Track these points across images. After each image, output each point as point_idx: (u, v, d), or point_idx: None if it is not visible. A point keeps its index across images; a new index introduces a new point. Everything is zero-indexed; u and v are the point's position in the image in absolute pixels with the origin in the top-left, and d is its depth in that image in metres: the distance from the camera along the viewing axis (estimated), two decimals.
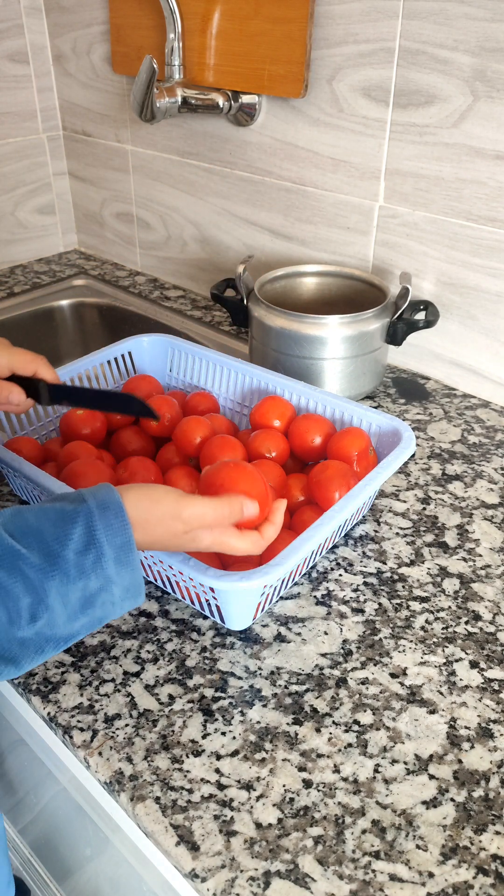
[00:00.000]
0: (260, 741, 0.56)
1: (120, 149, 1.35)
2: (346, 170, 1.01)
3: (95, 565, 0.47)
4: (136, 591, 0.50)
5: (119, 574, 0.48)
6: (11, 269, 1.46)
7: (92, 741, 0.56)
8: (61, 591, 0.46)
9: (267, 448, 0.77)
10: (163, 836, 0.50)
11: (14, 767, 0.97)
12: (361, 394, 0.98)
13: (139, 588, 0.51)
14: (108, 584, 0.48)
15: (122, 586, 0.49)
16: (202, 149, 1.20)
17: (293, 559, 0.59)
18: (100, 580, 0.48)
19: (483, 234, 0.91)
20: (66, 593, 0.47)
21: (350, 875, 0.48)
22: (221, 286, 1.02)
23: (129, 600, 0.50)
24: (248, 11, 0.99)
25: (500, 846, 0.50)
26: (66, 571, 0.46)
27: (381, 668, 0.62)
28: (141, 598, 0.51)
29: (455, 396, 1.01)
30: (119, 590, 0.49)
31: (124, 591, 0.49)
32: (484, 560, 0.73)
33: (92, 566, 0.47)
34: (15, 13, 1.30)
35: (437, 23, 0.84)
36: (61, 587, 0.46)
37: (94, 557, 0.47)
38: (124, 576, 0.49)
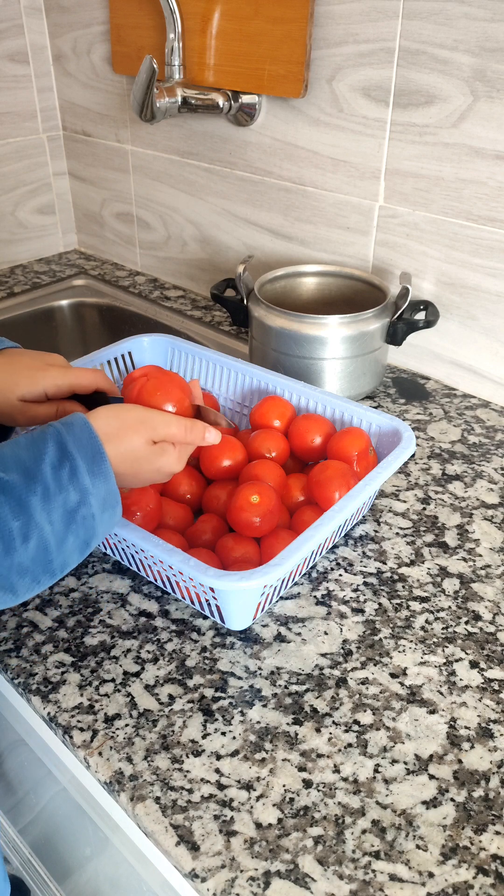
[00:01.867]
0: (260, 741, 0.56)
1: (120, 149, 1.35)
2: (346, 170, 1.01)
3: (72, 477, 0.50)
4: (113, 500, 0.53)
5: (94, 484, 0.51)
6: (11, 269, 1.46)
7: (92, 741, 0.56)
8: (45, 508, 0.49)
9: (267, 448, 0.77)
10: (163, 836, 0.50)
11: (14, 767, 0.97)
12: (361, 394, 0.98)
13: (115, 498, 0.53)
14: (86, 496, 0.51)
15: (98, 497, 0.51)
16: (202, 149, 1.20)
17: (293, 559, 0.59)
18: (77, 492, 0.50)
19: (483, 234, 0.91)
20: (49, 509, 0.49)
21: (350, 875, 0.48)
22: (221, 286, 1.02)
23: (107, 512, 0.53)
24: (248, 11, 0.99)
25: (500, 846, 0.50)
26: (46, 485, 0.49)
27: (381, 668, 0.62)
28: (118, 508, 0.54)
29: (455, 396, 1.01)
30: (96, 501, 0.51)
31: (102, 501, 0.52)
32: (484, 560, 0.73)
33: (69, 478, 0.50)
34: (15, 13, 1.30)
35: (437, 23, 0.84)
36: (44, 503, 0.49)
37: (70, 470, 0.50)
38: (99, 486, 0.51)
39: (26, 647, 0.64)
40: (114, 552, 0.71)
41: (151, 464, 0.57)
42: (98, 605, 0.68)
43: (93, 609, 0.67)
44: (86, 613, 0.67)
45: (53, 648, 0.63)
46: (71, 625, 0.66)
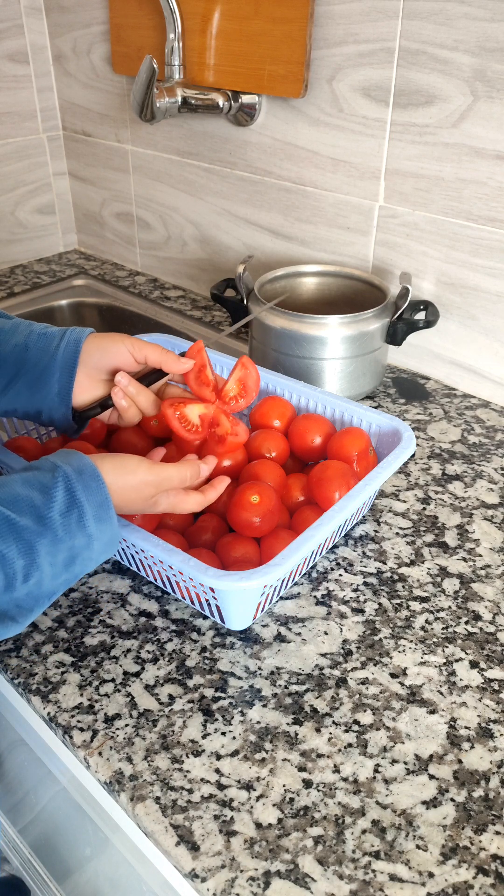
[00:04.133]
0: (260, 741, 0.56)
1: (120, 149, 1.35)
2: (346, 170, 1.01)
3: (79, 524, 0.52)
4: (113, 544, 0.55)
5: (100, 530, 0.53)
6: (11, 269, 1.46)
7: (92, 741, 0.56)
8: (51, 552, 0.50)
9: (267, 448, 0.77)
10: (163, 836, 0.50)
11: (14, 767, 0.97)
12: (361, 394, 0.98)
13: (116, 540, 0.55)
14: (90, 541, 0.53)
15: (101, 542, 0.54)
16: (202, 149, 1.20)
17: (293, 559, 0.59)
18: (83, 538, 0.52)
19: (483, 234, 0.91)
20: (55, 553, 0.51)
21: (350, 875, 0.48)
22: (221, 286, 1.02)
23: (104, 554, 0.55)
24: (248, 11, 0.99)
25: (500, 846, 0.50)
26: (55, 532, 0.50)
27: (381, 668, 0.62)
28: (115, 548, 0.56)
29: (455, 396, 1.01)
30: (99, 545, 0.54)
31: (103, 546, 0.54)
32: (484, 560, 0.73)
33: (76, 526, 0.51)
34: (15, 13, 1.30)
35: (437, 23, 0.84)
36: (51, 547, 0.50)
37: (77, 516, 0.52)
38: (104, 532, 0.53)
39: (26, 647, 0.64)
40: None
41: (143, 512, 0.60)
42: (98, 605, 0.68)
43: (93, 609, 0.67)
44: (86, 613, 0.67)
45: (53, 648, 0.63)
46: (71, 625, 0.66)
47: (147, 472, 0.58)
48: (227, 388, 0.70)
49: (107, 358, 0.65)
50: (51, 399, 0.65)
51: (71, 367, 0.64)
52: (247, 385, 0.71)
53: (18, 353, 0.65)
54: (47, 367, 0.64)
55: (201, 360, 0.68)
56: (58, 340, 0.65)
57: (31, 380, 0.65)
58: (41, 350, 0.65)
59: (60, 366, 0.64)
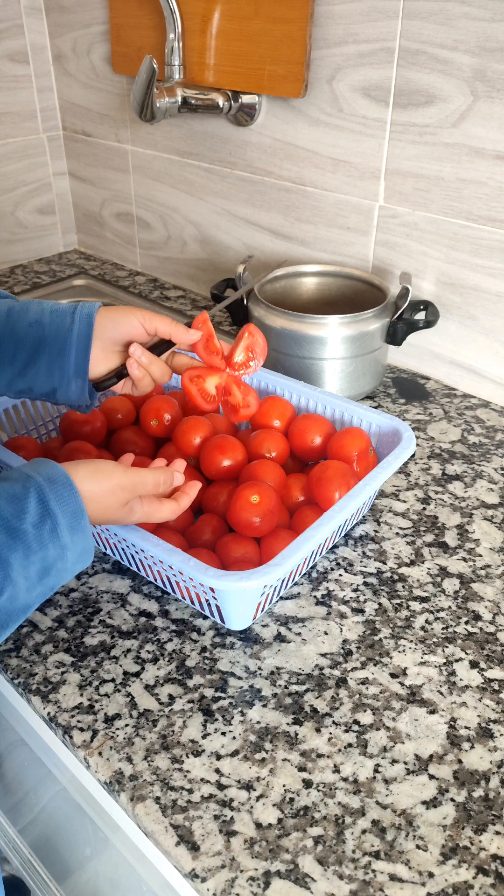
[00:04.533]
0: (260, 741, 0.56)
1: (120, 149, 1.35)
2: (346, 170, 1.01)
3: (52, 535, 0.50)
4: (87, 555, 0.54)
5: (73, 541, 0.51)
6: (11, 269, 1.46)
7: (92, 741, 0.56)
8: (23, 564, 0.49)
9: (267, 448, 0.77)
10: (163, 836, 0.50)
11: (14, 767, 0.97)
12: (361, 394, 0.98)
13: (90, 551, 0.54)
14: (64, 552, 0.51)
15: (75, 552, 0.52)
16: (202, 149, 1.20)
17: (293, 559, 0.59)
18: (56, 549, 0.51)
19: (483, 234, 0.91)
20: (27, 566, 0.49)
21: (350, 875, 0.48)
22: (221, 286, 1.02)
23: (79, 564, 0.53)
24: (248, 11, 0.99)
25: (500, 846, 0.50)
26: (28, 544, 0.49)
27: (381, 668, 0.62)
28: (90, 559, 0.54)
29: (455, 396, 1.01)
30: (73, 555, 0.52)
31: (77, 556, 0.53)
32: (484, 560, 0.73)
33: (49, 536, 0.50)
34: (15, 13, 1.30)
35: (437, 23, 0.84)
36: (23, 560, 0.49)
37: (50, 527, 0.50)
38: (77, 542, 0.52)
39: (26, 647, 0.64)
40: (114, 552, 0.71)
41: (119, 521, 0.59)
42: (98, 605, 0.68)
43: (93, 609, 0.67)
44: (86, 613, 0.67)
45: (53, 648, 0.63)
46: (71, 625, 0.66)
47: (122, 476, 0.57)
48: (236, 355, 0.71)
49: (119, 330, 0.66)
50: (67, 376, 0.65)
51: (86, 343, 0.65)
52: (254, 350, 0.72)
53: (36, 332, 0.65)
54: (64, 345, 0.65)
55: (208, 331, 0.70)
56: (70, 317, 0.65)
57: (50, 358, 0.65)
58: (57, 327, 0.65)
59: (76, 342, 0.64)
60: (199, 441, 0.77)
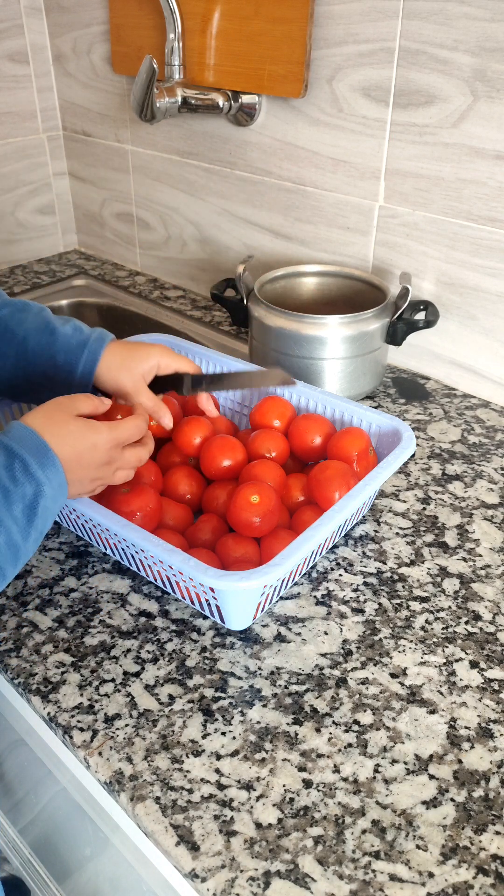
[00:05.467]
0: (260, 741, 0.56)
1: (120, 149, 1.35)
2: (346, 170, 1.01)
3: (24, 472, 0.53)
4: (62, 488, 0.56)
5: (46, 475, 0.54)
6: (11, 269, 1.46)
7: (92, 741, 0.56)
8: (6, 506, 0.52)
9: (267, 448, 0.77)
10: (163, 836, 0.50)
11: (14, 767, 0.97)
12: (361, 394, 0.98)
13: (64, 486, 0.57)
14: (41, 487, 0.54)
15: (52, 486, 0.55)
16: (202, 149, 1.20)
17: (293, 559, 0.59)
18: (32, 485, 0.53)
19: (483, 234, 0.91)
20: (10, 506, 0.52)
21: (350, 875, 0.48)
22: (221, 286, 1.02)
23: (57, 500, 0.56)
24: (248, 11, 0.99)
25: (500, 846, 0.50)
26: (4, 486, 0.52)
27: (381, 668, 0.62)
28: (65, 493, 0.57)
29: (455, 396, 1.01)
30: (50, 490, 0.55)
31: (54, 491, 0.55)
32: (484, 560, 0.73)
33: (22, 474, 0.53)
34: (15, 13, 1.30)
35: (437, 23, 0.84)
36: (4, 501, 0.52)
37: (21, 466, 0.53)
38: (51, 476, 0.55)
39: (26, 647, 0.64)
40: (114, 552, 0.71)
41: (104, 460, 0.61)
42: (98, 605, 0.68)
43: (93, 609, 0.67)
44: (86, 613, 0.67)
45: (53, 648, 0.63)
46: (71, 625, 0.66)
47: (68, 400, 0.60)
48: None
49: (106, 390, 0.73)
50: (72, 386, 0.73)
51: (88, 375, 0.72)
52: None
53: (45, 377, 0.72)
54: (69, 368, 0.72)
55: None
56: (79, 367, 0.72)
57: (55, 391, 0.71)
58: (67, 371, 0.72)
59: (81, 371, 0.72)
60: (199, 441, 0.77)
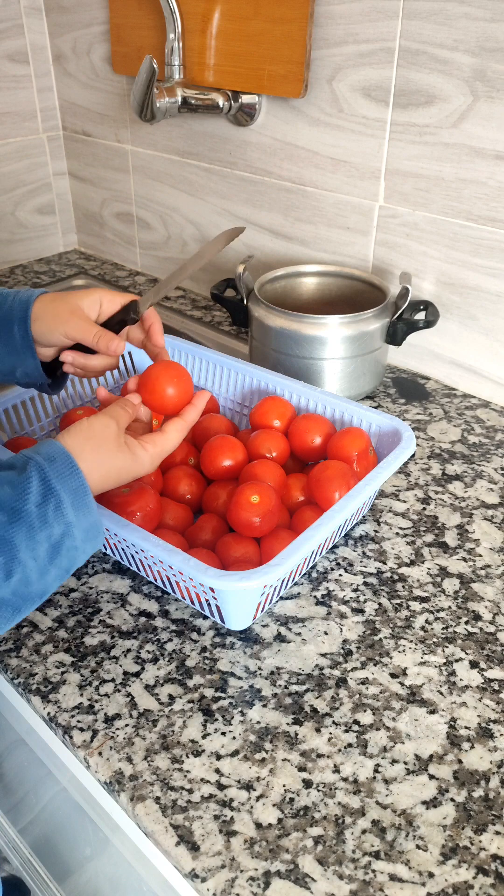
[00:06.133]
0: (260, 741, 0.56)
1: (120, 149, 1.35)
2: (346, 170, 1.01)
3: (56, 513, 0.50)
4: (95, 532, 0.53)
5: (78, 518, 0.51)
6: (11, 269, 1.46)
7: (92, 741, 0.56)
8: (29, 545, 0.49)
9: (267, 448, 0.77)
10: (163, 836, 0.50)
11: (14, 767, 0.97)
12: (361, 394, 0.98)
13: (98, 529, 0.54)
14: (70, 529, 0.51)
15: (82, 529, 0.52)
16: (202, 149, 1.20)
17: (293, 559, 0.59)
18: (61, 526, 0.51)
19: (483, 234, 0.91)
20: (34, 546, 0.49)
21: (350, 875, 0.48)
22: (221, 286, 1.02)
23: (89, 542, 0.53)
24: (248, 11, 0.99)
25: (500, 846, 0.50)
26: (31, 523, 0.49)
27: (381, 668, 0.62)
28: (100, 539, 0.54)
29: (455, 396, 1.01)
30: (80, 533, 0.52)
31: (85, 533, 0.52)
32: (484, 560, 0.73)
33: (53, 514, 0.50)
34: (15, 13, 1.30)
35: (437, 23, 0.84)
36: (28, 540, 0.49)
37: (54, 505, 0.50)
38: (82, 518, 0.52)
39: (26, 647, 0.64)
40: (114, 552, 0.71)
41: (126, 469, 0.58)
42: (98, 605, 0.68)
43: (93, 609, 0.67)
44: (86, 613, 0.67)
45: (53, 648, 0.63)
46: (71, 625, 0.66)
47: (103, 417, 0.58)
48: None
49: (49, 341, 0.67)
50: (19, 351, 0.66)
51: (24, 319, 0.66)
52: None
53: None
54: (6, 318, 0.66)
55: None
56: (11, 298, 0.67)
57: None
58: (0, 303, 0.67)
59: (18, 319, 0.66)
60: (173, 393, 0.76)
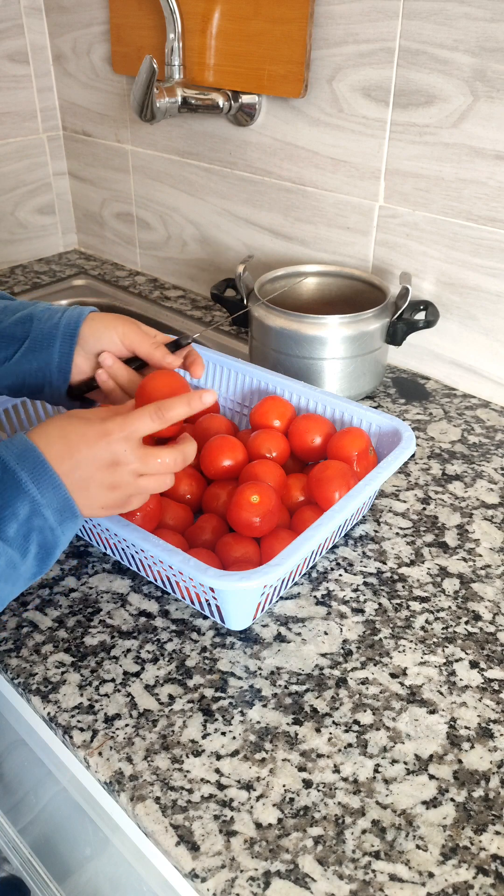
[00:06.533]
0: (260, 741, 0.56)
1: (120, 149, 1.35)
2: (346, 170, 1.01)
3: (17, 490, 0.49)
4: (69, 511, 0.52)
5: (43, 494, 0.50)
6: (11, 269, 1.46)
7: (92, 741, 0.56)
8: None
9: (267, 448, 0.77)
10: (163, 836, 0.50)
11: (14, 767, 0.97)
12: (361, 394, 0.98)
13: (70, 507, 0.52)
14: (37, 507, 0.50)
15: (52, 508, 0.51)
16: (202, 149, 1.20)
17: (293, 559, 0.59)
18: (26, 504, 0.50)
19: (483, 234, 0.91)
20: (3, 528, 0.49)
21: (350, 875, 0.48)
22: (221, 286, 1.02)
23: (67, 522, 0.52)
24: (248, 11, 0.99)
25: (500, 846, 0.50)
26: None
27: (381, 668, 0.62)
28: (77, 518, 0.53)
29: (455, 396, 1.01)
30: (51, 512, 0.51)
31: (57, 513, 0.51)
32: (484, 560, 0.73)
33: (13, 491, 0.49)
34: (15, 13, 1.30)
35: (437, 23, 0.84)
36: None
37: (12, 483, 0.49)
38: (49, 495, 0.50)
39: (26, 647, 0.64)
40: (114, 552, 0.71)
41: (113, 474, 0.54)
42: (98, 605, 0.68)
43: (93, 609, 0.67)
44: (86, 613, 0.67)
45: (53, 648, 0.63)
46: (71, 625, 0.66)
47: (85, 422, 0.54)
48: None
49: (99, 344, 0.65)
50: (52, 371, 0.65)
51: (71, 339, 0.65)
52: None
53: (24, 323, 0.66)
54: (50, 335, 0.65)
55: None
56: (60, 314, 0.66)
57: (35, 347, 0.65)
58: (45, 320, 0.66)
59: (62, 335, 0.65)
60: None
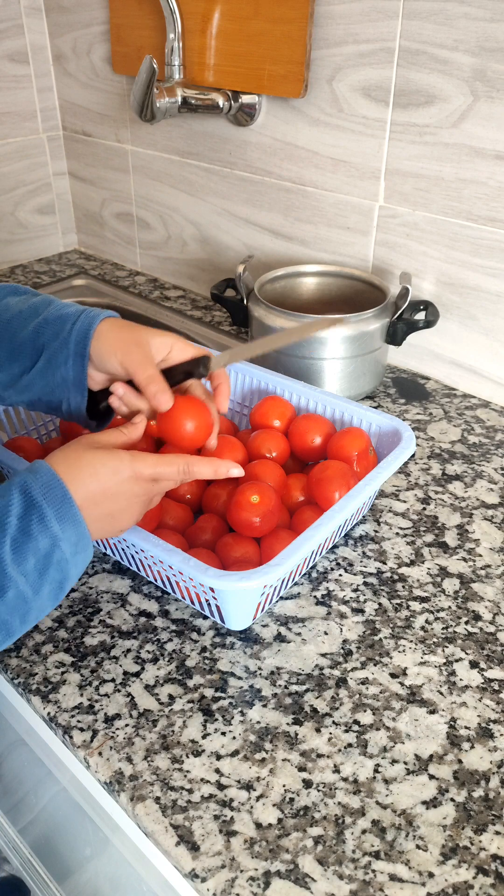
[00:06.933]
0: (260, 741, 0.56)
1: (120, 149, 1.35)
2: (346, 170, 1.01)
3: (40, 525, 0.50)
4: (84, 544, 0.53)
5: (63, 529, 0.51)
6: (11, 268, 1.46)
7: (92, 741, 0.56)
8: (16, 559, 0.49)
9: (267, 448, 0.77)
10: (163, 836, 0.50)
11: (14, 767, 0.97)
12: (361, 394, 0.98)
13: (86, 540, 0.53)
14: (57, 542, 0.50)
15: (69, 542, 0.51)
16: (202, 149, 1.20)
17: (293, 559, 0.59)
18: (47, 539, 0.50)
19: (483, 234, 0.91)
20: (21, 561, 0.49)
21: (350, 875, 0.48)
22: (221, 286, 1.02)
23: (80, 555, 0.53)
24: (248, 11, 0.99)
25: (500, 846, 0.50)
26: (13, 536, 0.49)
27: (381, 668, 0.62)
28: (89, 550, 0.53)
29: (455, 396, 1.01)
30: (68, 546, 0.51)
31: (73, 546, 0.52)
32: (484, 560, 0.73)
33: (37, 526, 0.50)
34: (15, 13, 1.30)
35: (437, 23, 0.84)
36: (14, 554, 0.49)
37: (38, 517, 0.50)
38: (69, 530, 0.51)
39: (26, 647, 0.64)
40: (114, 552, 0.71)
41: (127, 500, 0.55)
42: (98, 605, 0.68)
43: (93, 609, 0.67)
44: (86, 613, 0.67)
45: (53, 648, 0.63)
46: (71, 625, 0.66)
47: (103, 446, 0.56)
48: None
49: (104, 367, 0.63)
50: (68, 387, 0.63)
51: (82, 356, 0.62)
52: None
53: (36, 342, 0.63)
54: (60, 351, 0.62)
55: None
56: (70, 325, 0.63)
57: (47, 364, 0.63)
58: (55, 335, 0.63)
59: (73, 353, 0.62)
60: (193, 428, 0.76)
